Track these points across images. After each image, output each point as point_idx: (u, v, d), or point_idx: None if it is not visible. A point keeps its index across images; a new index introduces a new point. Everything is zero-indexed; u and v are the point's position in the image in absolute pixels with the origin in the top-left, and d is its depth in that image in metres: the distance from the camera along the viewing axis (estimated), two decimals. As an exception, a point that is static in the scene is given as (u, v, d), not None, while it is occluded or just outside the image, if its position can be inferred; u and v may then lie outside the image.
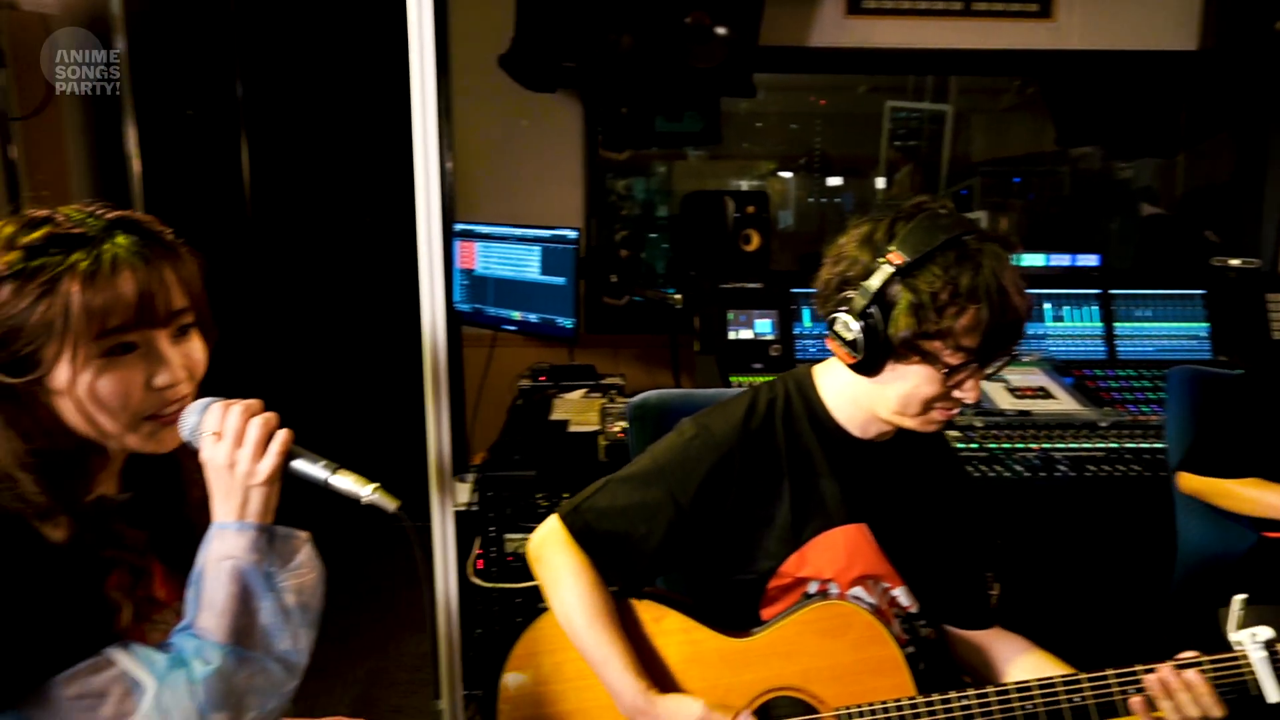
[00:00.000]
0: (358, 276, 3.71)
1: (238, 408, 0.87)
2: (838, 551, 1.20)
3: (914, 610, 1.27)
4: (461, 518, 2.10)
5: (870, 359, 1.11)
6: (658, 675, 1.18)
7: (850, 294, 1.11)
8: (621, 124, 3.40)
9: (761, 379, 2.38)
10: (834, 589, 1.21)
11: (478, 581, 2.01)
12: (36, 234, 0.83)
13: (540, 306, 2.63)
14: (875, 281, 1.08)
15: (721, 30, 2.66)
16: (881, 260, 1.08)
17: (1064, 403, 2.29)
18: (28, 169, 2.27)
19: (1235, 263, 2.66)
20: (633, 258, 3.42)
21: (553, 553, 1.20)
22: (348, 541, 3.54)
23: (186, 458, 0.96)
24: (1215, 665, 1.05)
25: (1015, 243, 1.11)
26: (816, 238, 4.94)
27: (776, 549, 1.21)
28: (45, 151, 2.62)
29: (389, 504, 0.88)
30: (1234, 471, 1.61)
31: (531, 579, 2.03)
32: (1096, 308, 2.61)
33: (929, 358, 1.08)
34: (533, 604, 2.03)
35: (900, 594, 1.25)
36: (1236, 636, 1.05)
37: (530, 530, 2.02)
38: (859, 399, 1.19)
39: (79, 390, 0.82)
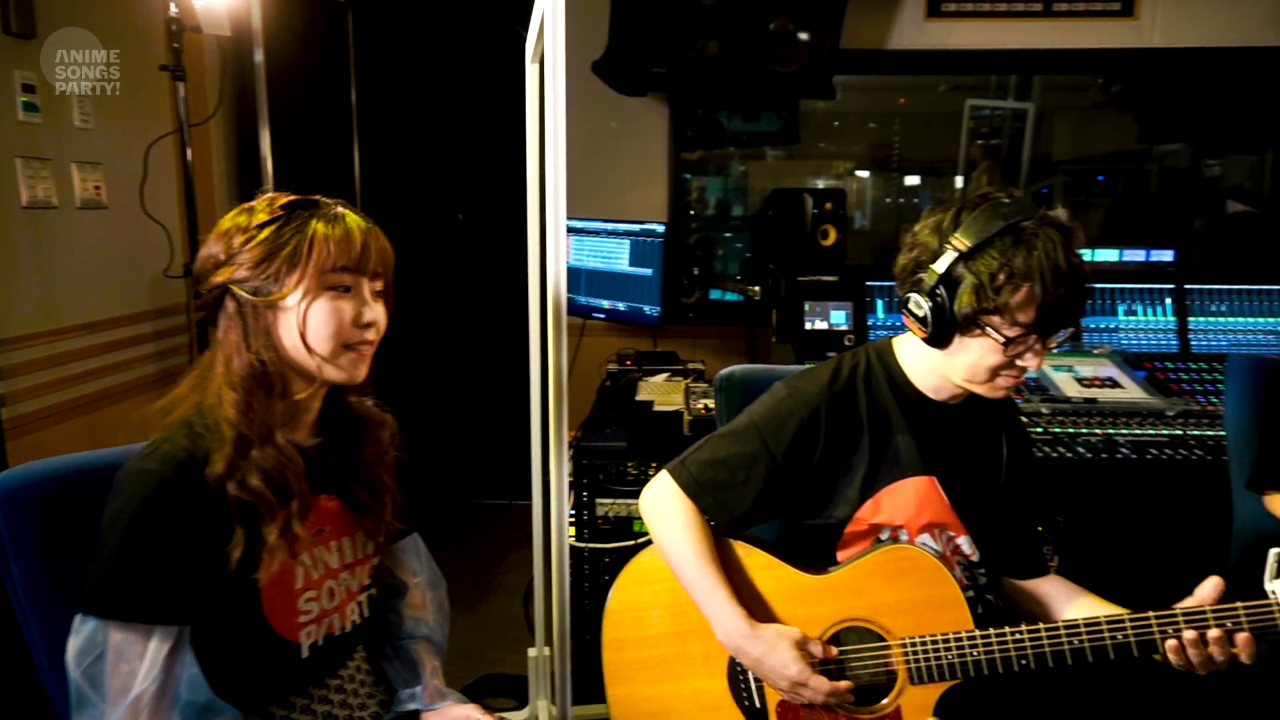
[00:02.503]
0: (464, 270, 3.98)
1: None
2: (908, 500, 1.36)
3: (975, 559, 1.41)
4: (556, 485, 2.31)
5: (939, 333, 1.27)
6: (748, 604, 1.34)
7: (921, 276, 1.27)
8: (696, 125, 3.57)
9: (836, 366, 2.52)
10: (904, 535, 1.36)
11: (573, 542, 2.21)
12: (289, 197, 1.10)
13: (629, 296, 2.82)
14: (942, 265, 1.24)
15: (804, 35, 2.79)
16: (948, 245, 1.24)
17: (1131, 392, 2.36)
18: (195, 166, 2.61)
19: (1315, 259, 2.67)
20: (706, 258, 3.57)
21: (663, 500, 1.38)
22: (452, 518, 3.83)
23: (372, 419, 1.21)
24: (1249, 611, 1.17)
25: (1074, 225, 1.25)
26: (893, 236, 4.97)
27: (854, 496, 1.37)
28: (201, 151, 2.95)
29: None
30: None
31: (619, 540, 2.24)
32: (1170, 302, 2.66)
33: (989, 331, 1.23)
34: (621, 563, 2.22)
35: (964, 542, 1.40)
36: (1271, 586, 1.17)
37: (621, 496, 2.22)
38: (935, 367, 1.35)
39: (304, 311, 1.07)
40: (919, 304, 1.27)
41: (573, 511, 2.24)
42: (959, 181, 4.69)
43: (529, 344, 2.13)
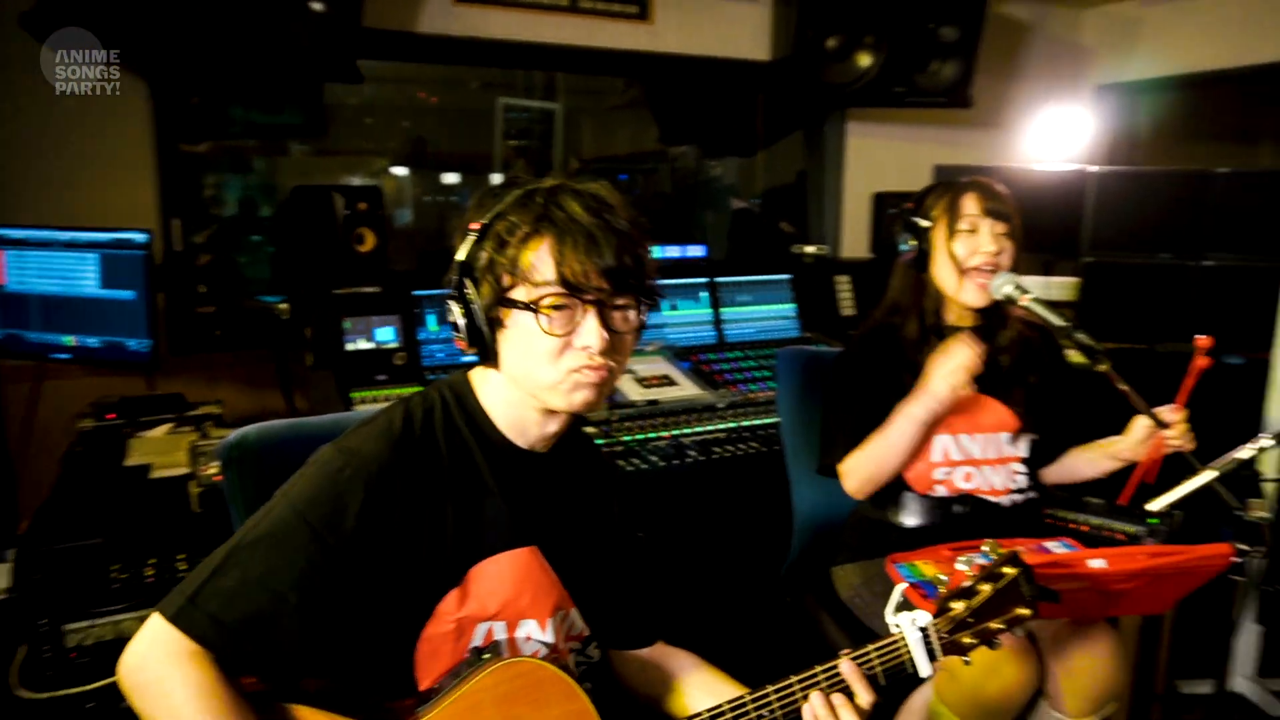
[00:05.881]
0: None
1: None
2: (505, 580, 1.07)
3: (587, 634, 1.18)
4: None
5: (477, 338, 1.02)
6: None
7: (450, 276, 1.03)
8: (195, 111, 2.95)
9: (387, 393, 2.17)
10: (499, 628, 1.07)
11: (25, 694, 1.54)
12: None
13: (102, 328, 2.15)
14: (461, 253, 1.02)
15: (318, 5, 2.38)
16: (467, 231, 1.03)
17: (685, 388, 2.40)
18: None
19: (810, 249, 3.01)
20: (224, 262, 2.98)
21: (162, 673, 0.91)
22: None
23: None
24: (880, 651, 1.09)
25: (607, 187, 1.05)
26: (437, 236, 4.82)
27: (436, 586, 1.04)
28: None
29: None
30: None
31: (105, 677, 1.63)
32: (706, 295, 2.79)
33: (521, 307, 1.00)
34: (112, 709, 1.62)
35: (575, 616, 1.16)
36: (895, 620, 1.11)
37: (103, 615, 1.61)
38: (510, 398, 1.08)
39: None
40: (454, 311, 1.03)
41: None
42: (496, 179, 4.65)
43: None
